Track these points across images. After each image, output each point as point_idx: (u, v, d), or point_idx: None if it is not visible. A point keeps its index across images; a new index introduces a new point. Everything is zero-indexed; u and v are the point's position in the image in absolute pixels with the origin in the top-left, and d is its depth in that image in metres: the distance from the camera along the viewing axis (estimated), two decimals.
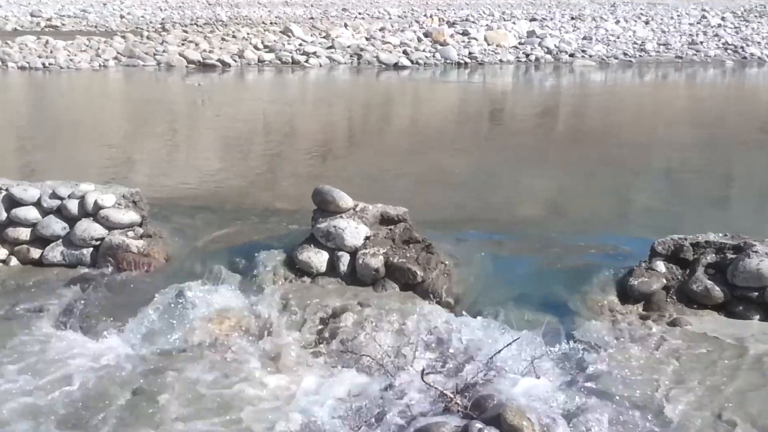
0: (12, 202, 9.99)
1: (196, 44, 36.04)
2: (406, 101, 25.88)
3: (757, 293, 8.14)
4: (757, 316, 8.11)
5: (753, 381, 6.95)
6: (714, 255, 8.49)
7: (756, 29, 48.41)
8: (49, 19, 62.71)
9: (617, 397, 6.72)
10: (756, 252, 8.22)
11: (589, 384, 6.94)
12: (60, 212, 9.96)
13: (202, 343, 8.00)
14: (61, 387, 7.23)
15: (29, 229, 9.98)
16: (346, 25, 46.07)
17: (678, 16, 61.58)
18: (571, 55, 36.59)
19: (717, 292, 8.24)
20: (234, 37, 39.25)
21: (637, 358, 7.31)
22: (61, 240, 9.90)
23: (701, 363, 7.22)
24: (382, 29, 43.33)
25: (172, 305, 8.39)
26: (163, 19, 64.77)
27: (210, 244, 9.83)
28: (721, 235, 8.74)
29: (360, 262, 8.98)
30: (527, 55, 36.42)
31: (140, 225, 9.91)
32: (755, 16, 63.21)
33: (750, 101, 26.02)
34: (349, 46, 36.34)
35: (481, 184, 13.30)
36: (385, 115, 22.94)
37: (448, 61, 34.67)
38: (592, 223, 10.93)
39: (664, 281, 8.43)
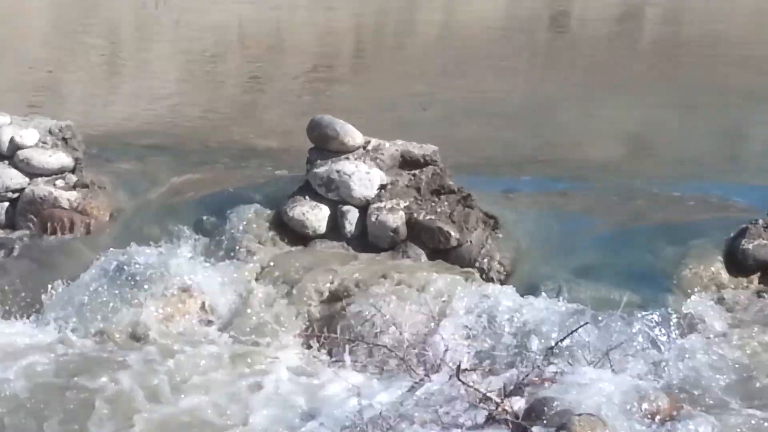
0: None
1: None
2: (436, 2, 25.69)
3: None
4: None
5: None
6: None
7: None
8: None
9: (722, 401, 6.73)
10: None
11: (683, 383, 6.95)
12: None
13: (155, 329, 8.02)
14: None
15: None
16: None
17: None
18: None
19: None
20: None
21: (750, 349, 7.30)
22: None
23: None
24: None
25: (116, 278, 8.40)
26: None
27: (167, 195, 9.86)
28: None
29: (373, 219, 8.96)
30: None
31: (73, 171, 9.89)
32: None
33: None
34: None
35: (539, 115, 13.25)
36: (407, 21, 22.83)
37: None
38: (690, 167, 10.88)
39: None
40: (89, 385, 7.28)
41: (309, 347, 7.86)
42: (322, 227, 9.10)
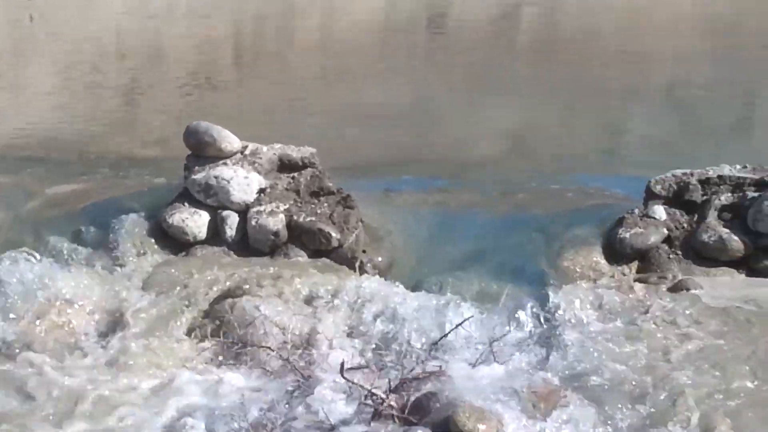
0: None
1: None
2: (314, 8, 25.71)
3: None
4: None
5: None
6: (730, 194, 8.63)
7: None
8: None
9: (600, 390, 6.82)
10: None
11: (564, 372, 7.04)
12: None
13: (30, 343, 7.89)
14: None
15: None
16: None
17: None
18: None
19: (735, 243, 8.39)
20: None
21: (627, 337, 7.42)
22: None
23: (714, 342, 7.35)
24: None
25: None
26: None
27: (44, 207, 9.71)
28: (738, 167, 8.87)
29: (253, 223, 8.95)
30: None
31: None
32: None
33: None
34: None
35: (419, 116, 13.35)
36: (285, 28, 22.83)
37: None
38: (568, 161, 11.04)
39: (665, 232, 8.56)
40: None
41: (193, 352, 7.80)
42: (202, 233, 9.05)
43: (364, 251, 8.76)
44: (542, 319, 7.66)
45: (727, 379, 6.83)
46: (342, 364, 6.95)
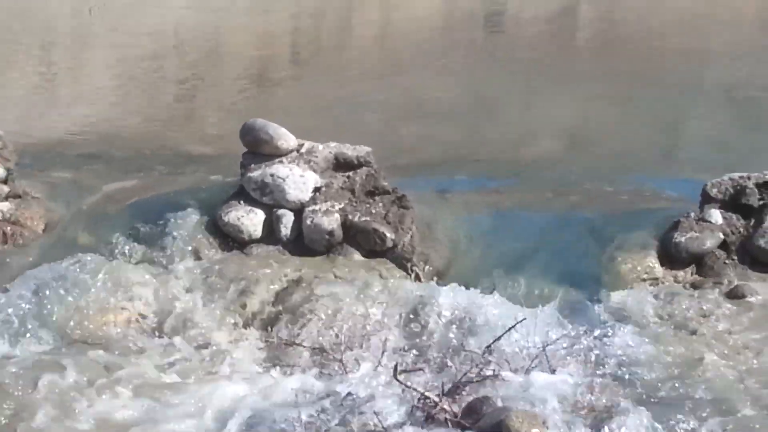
0: None
1: None
2: (373, 3, 25.71)
3: None
4: None
5: None
6: None
7: None
8: None
9: (658, 396, 6.78)
10: None
11: (619, 378, 7.00)
12: None
13: (89, 341, 7.96)
14: None
15: None
16: None
17: None
18: None
19: None
20: None
21: (684, 343, 7.37)
22: None
23: None
24: None
25: (49, 290, 8.29)
26: None
27: (102, 204, 9.76)
28: None
29: (308, 222, 8.95)
30: None
31: (5, 181, 9.81)
32: None
33: None
34: None
35: (474, 114, 13.32)
36: (344, 23, 22.84)
37: None
38: (623, 161, 10.96)
39: (721, 236, 8.47)
40: (28, 388, 7.24)
41: (247, 351, 7.83)
42: (257, 232, 9.06)
43: (418, 251, 8.75)
44: (596, 324, 7.62)
45: None
46: (395, 367, 6.94)
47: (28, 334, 8.03)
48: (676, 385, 6.84)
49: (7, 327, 8.11)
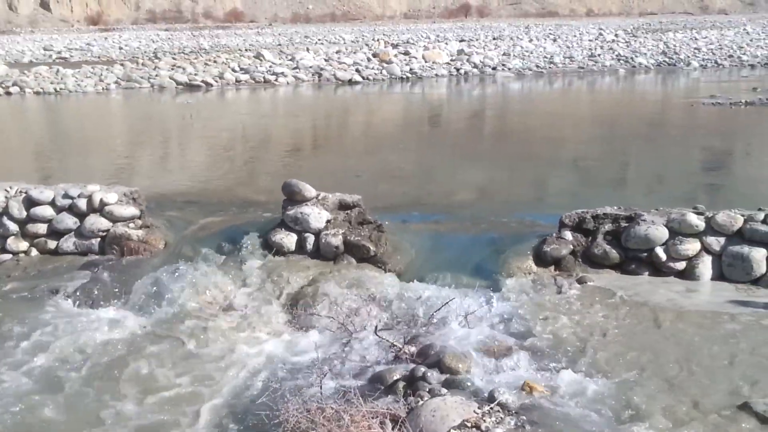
0: (31, 202, 9.89)
1: (184, 69, 35.64)
2: (360, 111, 25.79)
3: (645, 254, 8.32)
4: (647, 273, 8.30)
5: (638, 316, 7.20)
6: (611, 224, 8.61)
7: (643, 43, 49.24)
8: (59, 52, 61.87)
9: (535, 338, 6.85)
10: (644, 221, 8.39)
11: (512, 330, 7.07)
12: (71, 209, 9.86)
13: (191, 313, 7.97)
14: (77, 351, 7.20)
15: (46, 224, 9.89)
16: (308, 50, 45.87)
17: (580, 34, 62.76)
18: (494, 69, 36.85)
19: (614, 254, 8.41)
20: (215, 62, 38.81)
21: (550, 307, 7.45)
22: (72, 232, 9.81)
23: (599, 310, 7.38)
24: (338, 52, 43.13)
25: (167, 283, 8.33)
26: (155, 49, 64.09)
27: (198, 231, 9.75)
28: (616, 208, 8.87)
29: (323, 241, 8.99)
30: (458, 70, 36.58)
31: (139, 218, 9.82)
32: (642, 32, 64.65)
33: (639, 101, 26.26)
34: (311, 67, 36.14)
35: (422, 176, 13.35)
36: (343, 122, 22.87)
37: (393, 77, 34.68)
38: (512, 204, 11.00)
39: (571, 247, 8.55)
40: (150, 349, 7.26)
41: (284, 320, 7.84)
42: (292, 247, 9.09)
43: (390, 258, 8.77)
44: (497, 299, 7.66)
45: (602, 330, 6.85)
46: (376, 327, 7.01)
47: (151, 308, 8.06)
48: (544, 336, 6.89)
49: (140, 303, 8.15)
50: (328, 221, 9.15)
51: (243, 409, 6.19)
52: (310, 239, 9.07)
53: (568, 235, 8.64)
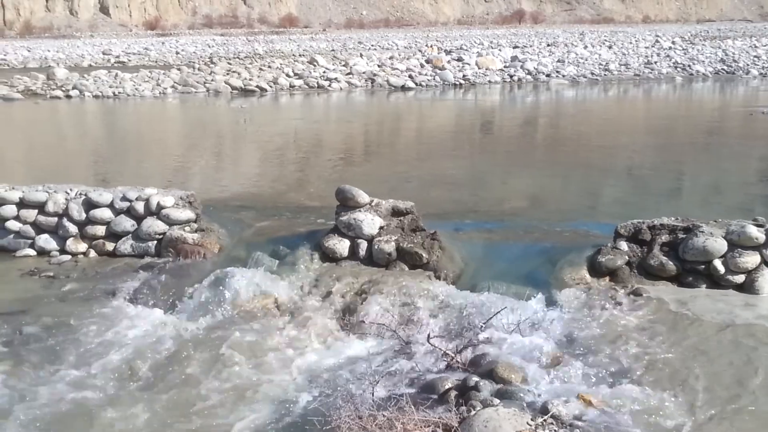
0: (90, 205, 10.10)
1: (239, 74, 36.12)
2: (412, 117, 25.83)
3: (703, 266, 8.15)
4: (704, 285, 8.12)
5: (696, 329, 7.07)
6: (667, 235, 8.47)
7: (700, 50, 48.35)
8: (117, 57, 63.24)
9: (589, 349, 6.76)
10: (702, 232, 8.22)
11: (566, 340, 6.99)
12: (129, 212, 10.06)
13: (245, 316, 8.06)
14: (133, 349, 7.33)
15: (104, 227, 10.11)
16: (361, 55, 46.13)
17: (636, 41, 61.80)
18: (548, 76, 36.61)
19: (670, 266, 8.24)
20: (269, 67, 39.28)
21: (605, 319, 7.36)
22: (130, 235, 10.00)
23: (658, 320, 7.27)
24: (391, 58, 43.31)
25: (222, 285, 8.43)
26: (210, 54, 65.03)
27: (253, 235, 9.86)
28: (673, 218, 8.72)
29: (376, 247, 8.99)
30: (511, 76, 36.45)
31: (195, 221, 9.96)
32: (700, 39, 63.51)
33: (696, 109, 25.90)
34: (364, 72, 36.34)
35: (475, 183, 13.29)
36: (395, 128, 22.93)
37: (446, 83, 34.70)
38: (567, 213, 10.90)
39: (627, 258, 8.42)
40: (203, 349, 7.34)
41: (338, 326, 7.86)
42: (345, 253, 9.09)
43: (442, 266, 8.75)
44: (551, 309, 7.60)
45: (658, 343, 6.74)
46: (428, 334, 7.00)
47: (206, 311, 8.17)
48: (598, 347, 6.80)
49: (195, 306, 8.26)
50: (381, 228, 9.15)
51: (295, 415, 6.23)
52: (363, 245, 9.07)
53: (623, 245, 8.51)
